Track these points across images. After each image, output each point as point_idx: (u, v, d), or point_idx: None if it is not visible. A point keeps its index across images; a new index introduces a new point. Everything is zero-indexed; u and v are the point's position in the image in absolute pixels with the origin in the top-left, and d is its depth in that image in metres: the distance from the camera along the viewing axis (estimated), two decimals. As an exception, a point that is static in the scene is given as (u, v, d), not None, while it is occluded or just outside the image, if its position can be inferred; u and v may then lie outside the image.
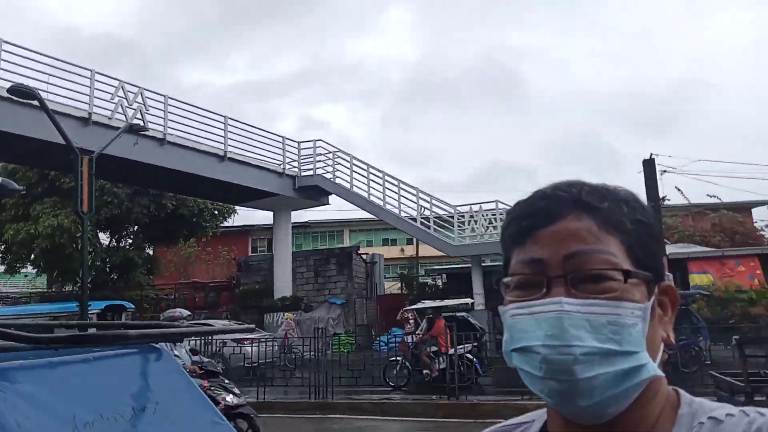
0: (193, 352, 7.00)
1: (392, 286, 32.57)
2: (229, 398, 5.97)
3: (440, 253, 21.16)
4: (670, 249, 18.89)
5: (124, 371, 1.62)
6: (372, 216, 20.78)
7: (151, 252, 26.90)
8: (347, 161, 19.73)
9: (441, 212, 18.98)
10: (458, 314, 13.97)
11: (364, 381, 10.30)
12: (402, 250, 43.27)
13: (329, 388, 9.92)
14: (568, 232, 0.70)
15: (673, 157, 45.76)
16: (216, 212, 25.56)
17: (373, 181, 19.30)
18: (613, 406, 0.66)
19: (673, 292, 0.73)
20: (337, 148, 20.15)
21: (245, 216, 41.16)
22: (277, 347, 12.98)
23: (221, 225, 27.35)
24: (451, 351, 9.58)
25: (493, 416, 8.50)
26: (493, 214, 18.10)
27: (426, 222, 18.35)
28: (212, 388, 5.96)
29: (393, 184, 19.03)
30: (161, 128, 16.44)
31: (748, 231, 27.88)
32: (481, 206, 18.31)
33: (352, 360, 11.60)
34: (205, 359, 6.98)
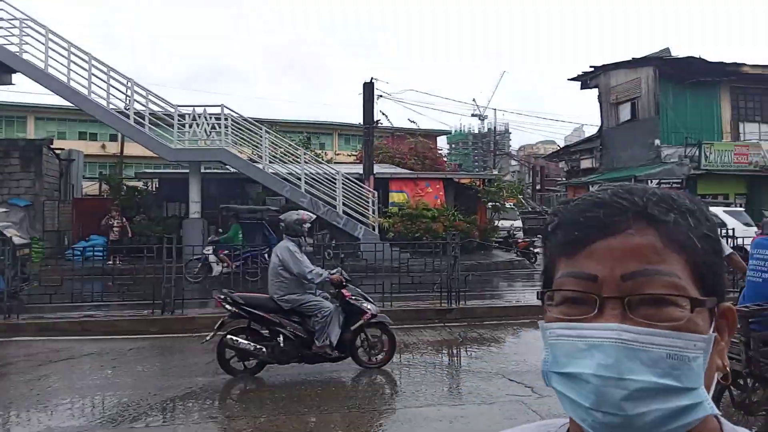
0: None
1: (91, 188, 28.98)
2: (370, 306, 6.16)
3: (150, 154, 19.41)
4: (377, 168, 20.90)
5: None
6: (68, 104, 17.70)
7: None
8: (42, 35, 16.10)
9: (158, 110, 17.20)
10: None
11: (58, 298, 8.96)
12: (104, 146, 38.47)
13: (12, 304, 8.45)
14: (628, 248, 0.62)
15: (389, 83, 49.91)
16: None
17: (75, 64, 16.24)
18: None
19: (732, 315, 0.66)
20: (26, 15, 16.23)
21: None
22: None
23: None
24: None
25: (210, 329, 8.40)
26: (217, 119, 17.18)
27: (140, 119, 16.45)
28: (354, 297, 6.09)
29: (102, 71, 16.36)
30: None
31: (436, 157, 32.56)
32: (205, 109, 17.16)
33: (42, 271, 10.00)
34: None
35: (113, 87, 16.48)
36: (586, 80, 29.40)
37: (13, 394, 5.53)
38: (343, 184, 17.47)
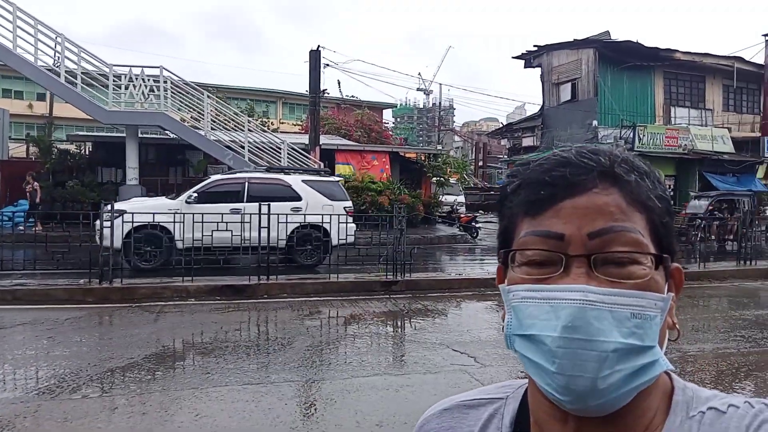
0: None
1: (17, 149, 27.30)
2: None
3: (83, 116, 18.40)
4: (323, 140, 20.68)
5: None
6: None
7: None
8: (-41, -19, 14.80)
9: (91, 69, 16.27)
10: None
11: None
12: (30, 106, 36.15)
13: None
14: (595, 206, 0.62)
15: (337, 52, 49.40)
16: None
17: (-2, 15, 15.06)
18: (621, 402, 0.60)
19: (680, 275, 0.67)
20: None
21: None
22: None
23: None
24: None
25: (151, 299, 8.22)
26: (155, 81, 16.44)
27: (72, 79, 15.51)
28: None
29: (29, 24, 15.25)
30: None
31: (382, 130, 32.50)
32: (143, 70, 16.36)
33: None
34: None
35: (41, 42, 15.44)
36: (529, 59, 29.96)
37: (-62, 365, 5.24)
38: (288, 154, 17.21)
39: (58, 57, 15.58)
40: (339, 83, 28.65)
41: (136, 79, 16.24)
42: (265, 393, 4.69)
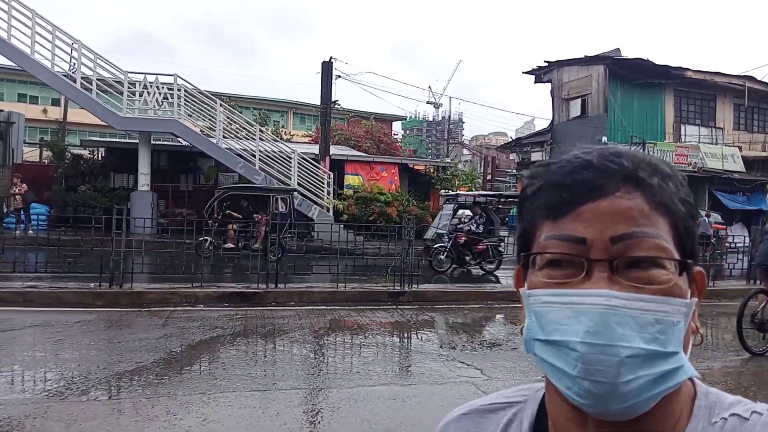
0: None
1: (30, 153, 27.61)
2: None
3: (96, 121, 18.63)
4: (333, 150, 20.78)
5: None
6: (8, 63, 16.75)
7: None
8: (-21, -13, 15.11)
9: (106, 75, 16.50)
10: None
11: (2, 267, 8.59)
12: (45, 111, 36.58)
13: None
14: (617, 210, 0.61)
15: (349, 64, 49.81)
16: None
17: (17, 20, 15.34)
18: (643, 407, 0.60)
19: (702, 279, 0.66)
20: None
21: None
22: None
23: None
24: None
25: (160, 304, 8.27)
26: (169, 89, 16.65)
27: (87, 84, 15.73)
28: None
29: (47, 30, 15.52)
30: None
31: (391, 141, 32.61)
32: (157, 78, 16.59)
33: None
34: None
35: (58, 48, 15.70)
36: (540, 75, 30.03)
37: (-50, 364, 5.29)
38: (298, 163, 17.31)
39: (74, 63, 15.82)
40: (338, 102, 27.49)
41: (150, 86, 16.45)
42: (273, 399, 4.70)
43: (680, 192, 0.65)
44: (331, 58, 20.04)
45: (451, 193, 17.46)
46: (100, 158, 20.65)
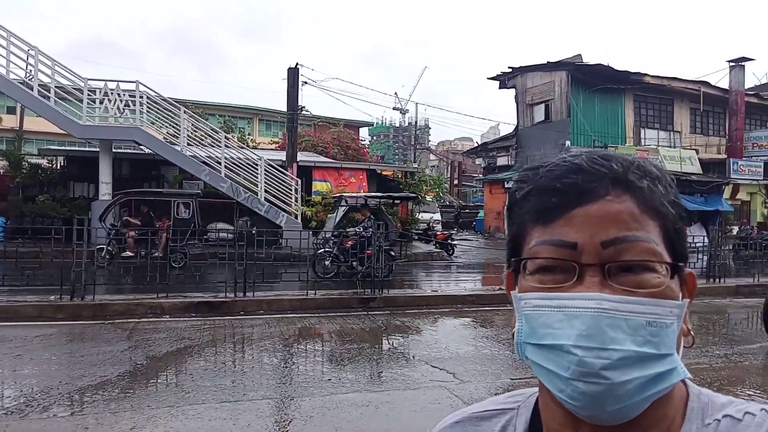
0: None
1: (-15, 163, 26.60)
2: None
3: (55, 130, 18.11)
4: (300, 156, 20.66)
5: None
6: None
7: None
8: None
9: (65, 83, 16.06)
10: None
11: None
12: (0, 119, 35.30)
13: None
14: (608, 214, 0.61)
15: (315, 70, 49.69)
16: None
17: (-32, 25, 14.80)
18: (637, 410, 0.60)
19: (693, 280, 0.66)
20: None
21: None
22: None
23: None
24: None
25: (124, 315, 8.05)
26: (131, 96, 16.29)
27: (45, 92, 15.27)
28: None
29: (1, 36, 15.01)
30: None
31: (358, 147, 32.62)
32: (118, 84, 16.22)
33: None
34: None
35: (13, 54, 15.20)
36: (504, 80, 30.51)
37: None
38: (265, 170, 17.14)
39: (31, 70, 15.34)
40: (304, 108, 27.00)
41: (111, 93, 16.07)
42: (243, 410, 4.61)
43: (669, 194, 0.65)
44: (297, 64, 19.96)
45: (336, 194, 16.89)
46: (59, 167, 20.06)
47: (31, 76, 15.21)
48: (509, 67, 29.63)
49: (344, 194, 15.72)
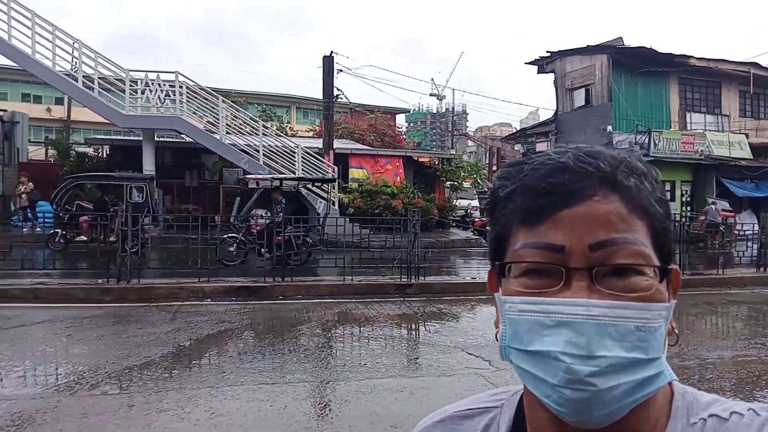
0: None
1: (36, 152, 27.69)
2: None
3: (100, 120, 18.67)
4: (337, 144, 20.76)
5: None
6: (10, 64, 16.77)
7: None
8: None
9: (107, 74, 16.50)
10: None
11: (6, 264, 8.63)
12: (49, 110, 36.67)
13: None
14: (596, 216, 0.58)
15: (350, 58, 49.54)
16: None
17: (16, 20, 15.33)
18: (623, 412, 0.58)
19: (677, 278, 0.64)
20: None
21: None
22: None
23: None
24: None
25: (168, 299, 8.30)
26: (171, 86, 16.64)
27: (89, 83, 15.74)
28: None
29: (47, 30, 15.51)
30: None
31: (395, 134, 32.55)
32: (158, 75, 16.59)
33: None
34: None
35: (59, 47, 15.70)
36: (543, 65, 29.83)
37: (-39, 362, 5.32)
38: (302, 157, 17.30)
39: (76, 62, 15.82)
40: (341, 91, 26.72)
41: (152, 83, 16.45)
42: (280, 393, 4.71)
43: (656, 191, 0.63)
44: (332, 52, 19.99)
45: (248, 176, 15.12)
46: (104, 156, 20.70)
47: (75, 68, 15.70)
48: (548, 52, 28.96)
49: (254, 176, 14.32)
